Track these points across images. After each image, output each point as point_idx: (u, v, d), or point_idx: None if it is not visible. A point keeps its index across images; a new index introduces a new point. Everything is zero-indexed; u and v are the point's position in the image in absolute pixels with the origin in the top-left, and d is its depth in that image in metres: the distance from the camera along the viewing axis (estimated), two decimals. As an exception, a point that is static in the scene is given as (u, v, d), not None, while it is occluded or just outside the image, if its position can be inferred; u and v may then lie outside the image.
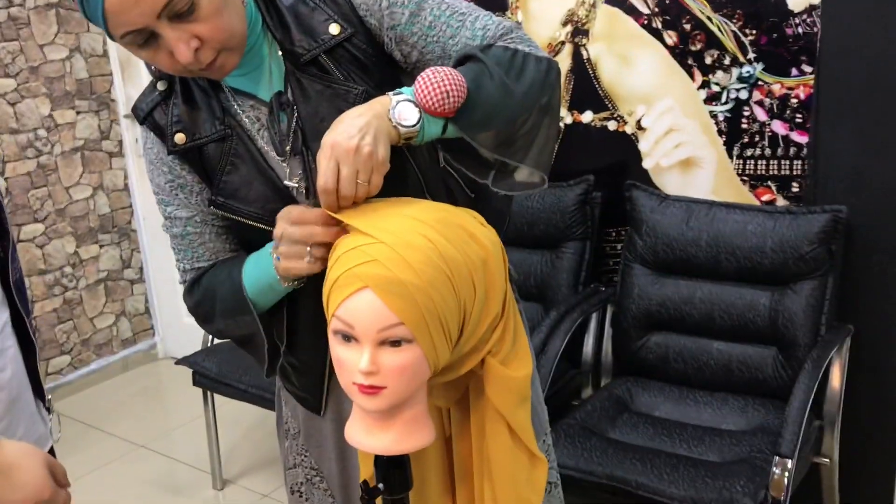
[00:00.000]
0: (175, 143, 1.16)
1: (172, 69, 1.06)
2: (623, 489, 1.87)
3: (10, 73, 3.28)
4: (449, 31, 1.14)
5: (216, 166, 1.16)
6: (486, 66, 1.06)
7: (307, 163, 1.15)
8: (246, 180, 1.15)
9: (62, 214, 3.54)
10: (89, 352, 3.73)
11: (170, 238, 1.25)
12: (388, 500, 1.08)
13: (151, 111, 1.19)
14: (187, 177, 1.19)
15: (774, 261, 2.11)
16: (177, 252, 1.25)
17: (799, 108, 2.16)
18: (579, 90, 2.48)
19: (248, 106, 1.17)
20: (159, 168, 1.20)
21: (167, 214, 1.23)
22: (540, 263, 2.50)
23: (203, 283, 1.22)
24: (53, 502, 1.09)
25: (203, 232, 1.22)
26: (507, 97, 1.07)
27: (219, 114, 1.16)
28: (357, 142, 0.96)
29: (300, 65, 1.14)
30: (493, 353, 1.08)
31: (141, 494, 2.86)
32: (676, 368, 2.26)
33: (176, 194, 1.20)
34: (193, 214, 1.21)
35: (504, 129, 1.08)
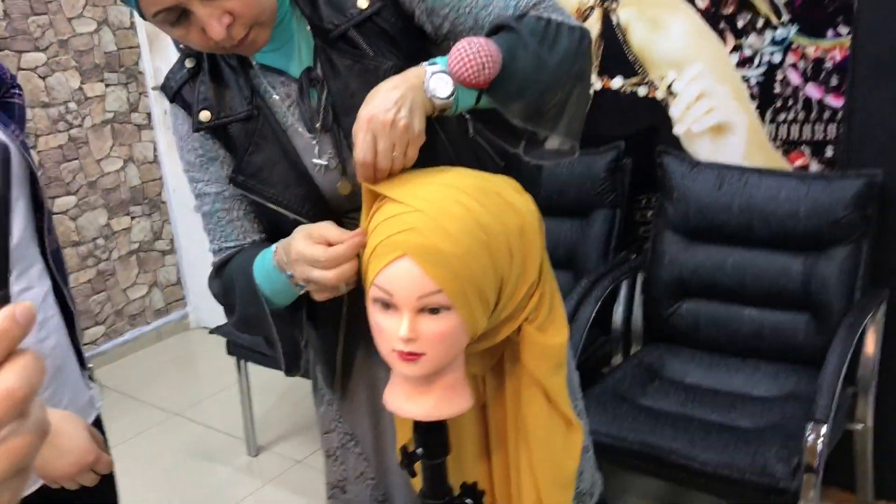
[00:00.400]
0: (200, 121, 1.16)
1: (205, 46, 1.06)
2: (655, 455, 1.87)
3: (41, 46, 3.30)
4: (482, 2, 1.14)
5: (241, 145, 1.16)
6: (520, 35, 1.06)
7: (338, 139, 1.14)
8: (269, 162, 1.15)
9: (94, 187, 3.58)
10: (123, 322, 3.79)
11: (201, 219, 1.25)
12: (427, 464, 1.09)
13: (180, 88, 1.19)
14: (218, 151, 1.19)
15: (808, 226, 2.09)
16: (208, 233, 1.25)
17: (834, 71, 2.12)
18: (609, 56, 2.45)
19: (279, 82, 1.16)
20: (189, 144, 1.20)
21: (197, 192, 1.23)
22: (570, 231, 2.50)
23: (226, 272, 1.21)
24: (97, 466, 1.11)
25: (231, 209, 1.22)
26: (541, 67, 1.06)
27: (246, 93, 1.15)
28: (393, 115, 0.96)
29: (329, 40, 1.13)
30: (529, 321, 1.08)
31: (176, 461, 2.92)
32: (708, 335, 2.26)
33: (207, 168, 1.20)
34: (223, 190, 1.21)
35: (537, 99, 1.08)
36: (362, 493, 1.40)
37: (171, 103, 1.21)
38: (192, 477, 2.82)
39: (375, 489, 1.39)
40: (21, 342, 0.40)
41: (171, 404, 3.31)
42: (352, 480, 1.41)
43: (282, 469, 2.81)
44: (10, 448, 0.39)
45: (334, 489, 1.45)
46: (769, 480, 1.73)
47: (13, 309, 0.39)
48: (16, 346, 0.40)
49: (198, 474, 2.83)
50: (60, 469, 1.09)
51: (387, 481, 1.38)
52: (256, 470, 2.84)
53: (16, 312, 0.39)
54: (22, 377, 0.39)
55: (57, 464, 1.09)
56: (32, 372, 0.40)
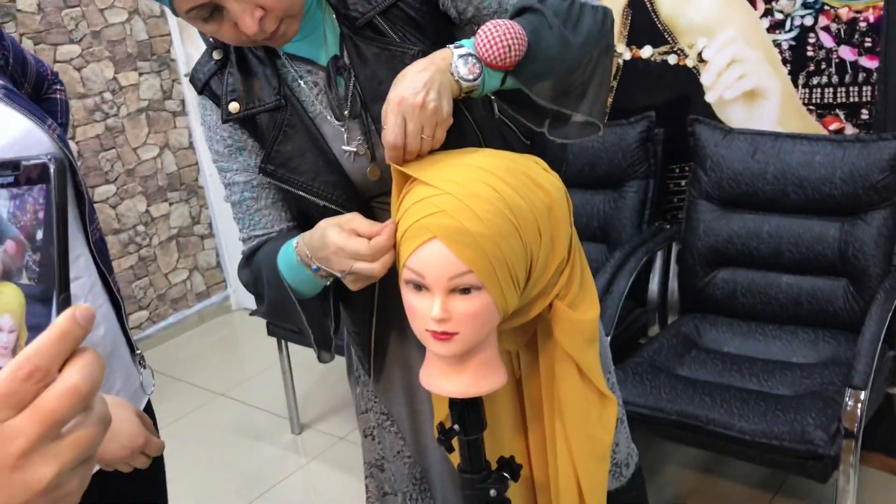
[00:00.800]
0: (229, 112, 1.18)
1: (236, 40, 1.08)
2: (693, 424, 1.88)
3: (75, 38, 3.36)
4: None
5: (269, 135, 1.18)
6: (544, 17, 1.07)
7: (367, 126, 1.16)
8: (299, 151, 1.17)
9: (132, 175, 3.64)
10: (166, 306, 3.87)
11: (231, 208, 1.27)
12: (464, 440, 1.12)
13: (208, 80, 1.21)
14: (247, 140, 1.21)
15: (844, 191, 2.07)
16: (237, 222, 1.27)
17: (868, 32, 2.08)
18: (637, 25, 2.43)
19: (306, 71, 1.18)
20: (219, 135, 1.22)
21: (227, 181, 1.25)
22: (603, 204, 2.50)
23: (254, 262, 1.22)
24: (148, 448, 1.16)
25: (259, 197, 1.23)
26: (566, 48, 1.07)
27: (274, 83, 1.17)
28: (423, 97, 0.98)
29: (356, 28, 1.14)
30: (560, 297, 1.10)
31: (222, 440, 2.99)
32: (744, 303, 2.25)
33: (235, 158, 1.22)
34: (251, 178, 1.23)
35: (561, 79, 1.09)
36: (400, 470, 1.43)
37: (200, 95, 1.23)
38: (238, 455, 2.89)
39: (413, 467, 1.42)
40: (82, 341, 0.43)
41: (215, 385, 3.39)
42: (389, 459, 1.44)
43: (326, 446, 2.86)
44: (76, 439, 0.42)
45: (372, 468, 1.48)
46: (808, 447, 1.73)
47: (74, 310, 0.42)
48: (77, 345, 0.43)
49: (244, 453, 2.90)
50: (112, 453, 1.13)
51: (424, 459, 1.41)
52: (301, 447, 2.90)
53: (76, 314, 0.42)
54: (85, 374, 0.42)
55: (108, 447, 1.13)
56: (94, 369, 0.43)
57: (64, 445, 0.42)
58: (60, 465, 0.41)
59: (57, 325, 0.42)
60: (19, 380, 0.40)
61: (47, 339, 0.41)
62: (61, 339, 0.42)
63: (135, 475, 1.23)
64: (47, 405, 0.41)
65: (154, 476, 1.39)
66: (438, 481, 1.40)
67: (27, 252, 0.45)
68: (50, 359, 0.41)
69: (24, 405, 0.40)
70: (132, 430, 1.15)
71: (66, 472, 0.42)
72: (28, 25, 3.20)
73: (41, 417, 0.40)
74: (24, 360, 0.41)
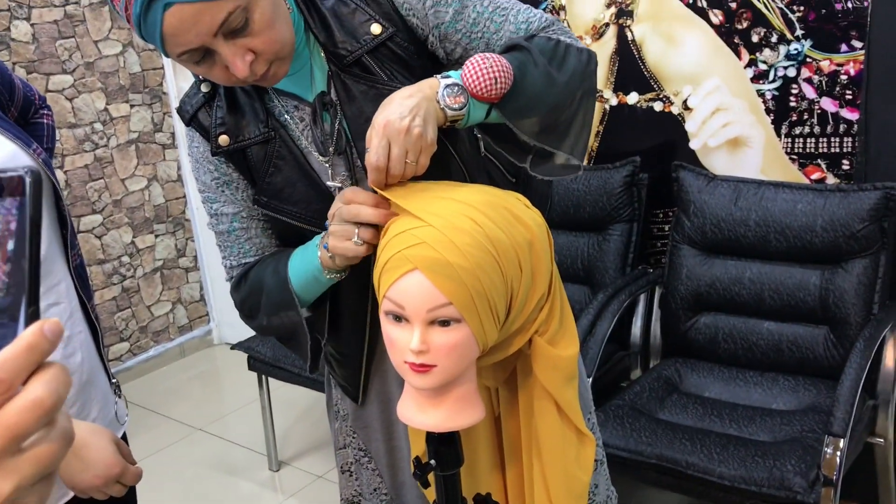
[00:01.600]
0: (219, 145, 1.19)
1: (227, 82, 1.09)
2: (672, 469, 1.88)
3: (68, 69, 3.38)
4: (493, 27, 1.17)
5: (260, 167, 1.19)
6: (530, 54, 1.09)
7: (352, 162, 1.17)
8: (289, 181, 1.18)
9: (119, 205, 3.64)
10: (147, 338, 3.84)
11: (215, 235, 1.28)
12: (440, 475, 1.11)
13: (196, 112, 1.22)
14: (233, 174, 1.22)
15: (825, 239, 2.09)
16: (223, 249, 1.28)
17: (849, 85, 2.13)
18: (624, 71, 2.47)
19: (292, 106, 1.19)
20: (205, 166, 1.23)
21: (213, 212, 1.26)
22: (587, 246, 2.51)
23: (250, 278, 1.24)
24: (124, 478, 1.14)
25: (249, 227, 1.25)
26: (550, 85, 1.09)
27: (262, 116, 1.18)
28: (408, 122, 0.99)
29: (344, 66, 1.16)
30: (540, 333, 1.10)
31: (199, 475, 2.95)
32: (726, 349, 2.26)
33: (222, 191, 1.23)
34: (240, 210, 1.24)
35: (545, 116, 1.11)
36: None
37: (188, 126, 1.24)
38: (215, 491, 2.85)
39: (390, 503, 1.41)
40: (49, 356, 0.42)
41: (194, 419, 3.35)
42: (367, 496, 1.43)
43: (303, 484, 2.83)
44: (37, 454, 0.41)
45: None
46: (787, 494, 1.73)
47: (42, 324, 0.42)
48: (44, 359, 0.42)
49: (221, 488, 2.86)
50: (87, 481, 1.11)
51: (401, 497, 1.40)
52: (278, 484, 2.86)
53: (44, 327, 0.42)
54: (50, 388, 0.41)
55: (84, 476, 1.12)
56: (60, 383, 0.42)
57: (24, 460, 0.41)
58: (19, 480, 0.40)
59: (24, 338, 0.41)
60: None
61: (13, 351, 0.41)
62: (27, 352, 0.41)
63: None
64: (9, 418, 0.40)
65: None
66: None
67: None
68: (15, 371, 0.41)
69: None
70: (108, 458, 1.13)
71: (24, 488, 0.41)
72: (21, 54, 3.22)
73: (2, 430, 0.40)
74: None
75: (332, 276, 1.15)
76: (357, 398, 1.35)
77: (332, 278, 1.15)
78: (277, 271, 1.19)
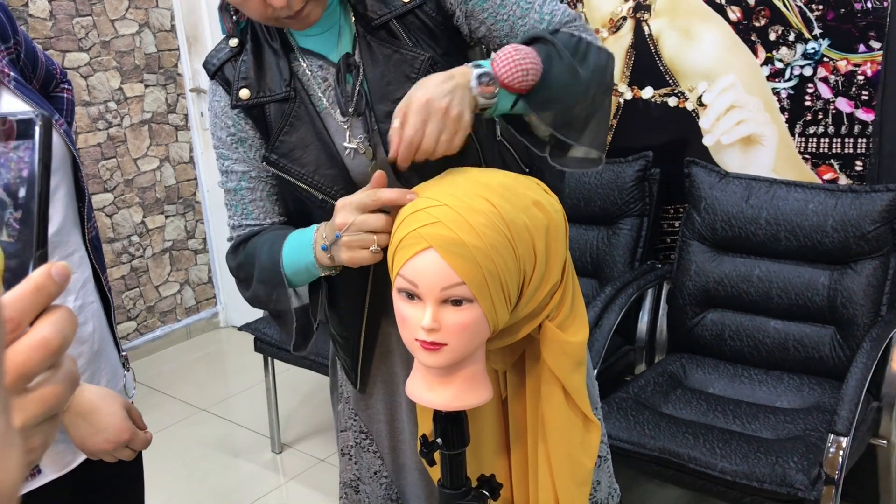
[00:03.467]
0: (239, 98, 1.20)
1: (261, 15, 1.11)
2: (674, 462, 1.88)
3: (84, 46, 3.39)
4: (519, 12, 1.19)
5: (276, 125, 1.20)
6: (555, 47, 1.11)
7: (370, 124, 1.19)
8: (302, 142, 1.19)
9: (130, 185, 3.65)
10: (154, 318, 3.86)
11: (224, 194, 1.30)
12: (446, 454, 1.12)
13: (222, 66, 1.23)
14: (249, 132, 1.23)
15: (835, 240, 2.09)
16: (229, 208, 1.29)
17: (865, 86, 2.12)
18: (640, 66, 2.47)
19: (317, 66, 1.21)
20: (223, 121, 1.24)
21: (224, 168, 1.27)
22: (596, 240, 2.51)
23: (247, 247, 1.25)
24: (133, 443, 1.15)
25: (255, 189, 1.26)
26: (574, 79, 1.11)
27: (286, 75, 1.20)
28: (448, 102, 1.02)
29: (371, 29, 1.18)
30: (551, 318, 1.11)
31: (202, 456, 2.97)
32: (732, 346, 2.26)
33: (236, 148, 1.24)
34: (249, 170, 1.25)
35: (567, 109, 1.13)
36: (376, 491, 1.42)
37: (211, 80, 1.25)
38: (217, 471, 2.87)
39: (389, 488, 1.41)
40: (56, 298, 0.43)
41: (198, 400, 3.37)
42: (365, 480, 1.43)
43: (305, 467, 2.84)
44: (43, 394, 0.42)
45: (347, 488, 1.47)
46: (788, 490, 1.73)
47: (49, 266, 0.42)
48: (51, 301, 0.42)
49: (223, 469, 2.88)
50: (97, 445, 1.13)
51: (401, 480, 1.41)
52: (280, 467, 2.88)
53: (52, 270, 0.42)
54: (57, 329, 0.42)
55: (94, 440, 1.13)
56: (66, 325, 0.42)
57: (30, 399, 0.41)
58: (25, 419, 0.41)
59: (32, 279, 0.42)
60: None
61: (21, 291, 0.41)
62: (35, 293, 0.41)
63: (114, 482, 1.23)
64: (17, 356, 0.40)
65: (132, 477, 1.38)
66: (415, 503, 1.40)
67: (8, 209, 0.45)
68: (23, 311, 0.41)
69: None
70: (118, 423, 1.14)
71: (30, 427, 0.41)
72: (39, 31, 3.23)
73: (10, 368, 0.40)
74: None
75: (326, 273, 1.16)
76: (356, 384, 1.37)
77: (324, 273, 1.16)
78: (273, 249, 1.19)
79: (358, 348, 1.32)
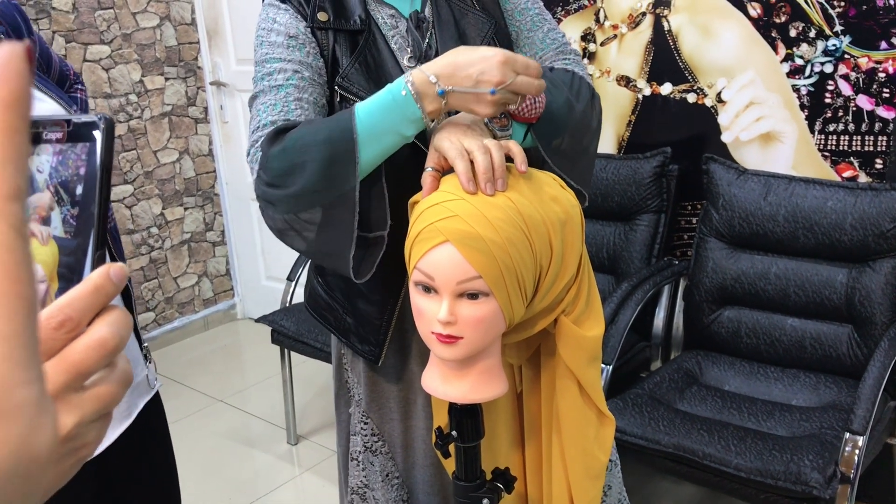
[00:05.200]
0: (317, 19, 1.22)
1: None
2: (689, 458, 1.88)
3: (105, 39, 3.42)
4: (529, 24, 1.32)
5: (349, 54, 1.22)
6: (552, 82, 1.18)
7: None
8: (376, 73, 1.22)
9: (150, 177, 3.68)
10: (172, 310, 3.89)
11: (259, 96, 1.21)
12: (461, 447, 1.12)
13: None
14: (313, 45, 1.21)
15: (854, 238, 2.08)
16: (265, 108, 1.18)
17: (886, 83, 2.11)
18: (659, 61, 2.47)
19: (388, 15, 1.26)
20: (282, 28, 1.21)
21: (268, 70, 1.20)
22: (613, 235, 2.51)
23: (296, 132, 1.11)
24: None
25: (305, 88, 1.19)
26: (571, 112, 1.19)
27: (361, 11, 1.24)
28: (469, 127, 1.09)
29: None
30: (566, 313, 1.11)
31: (218, 446, 2.99)
32: (748, 343, 2.25)
33: (294, 49, 1.20)
34: (301, 70, 1.20)
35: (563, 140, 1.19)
36: (387, 494, 1.42)
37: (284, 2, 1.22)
38: (233, 462, 2.89)
39: (401, 489, 1.42)
40: (113, 299, 0.44)
41: (215, 391, 3.40)
42: (374, 486, 1.42)
43: (320, 458, 2.86)
44: (98, 393, 0.43)
45: (353, 495, 1.46)
46: (803, 488, 1.73)
47: (108, 267, 0.43)
48: (108, 301, 0.43)
49: (239, 460, 2.90)
50: None
51: (411, 479, 1.41)
52: (295, 458, 2.90)
53: (110, 271, 0.43)
54: (114, 330, 0.43)
55: None
56: (122, 326, 0.43)
57: (87, 397, 0.42)
58: (81, 416, 0.42)
59: (91, 280, 0.43)
60: (50, 328, 0.41)
61: (81, 292, 0.42)
62: (94, 294, 0.42)
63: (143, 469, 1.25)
64: (75, 355, 0.41)
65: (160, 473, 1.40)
66: (424, 501, 1.40)
67: (65, 206, 0.46)
68: (81, 311, 0.42)
69: (52, 353, 0.41)
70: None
71: (85, 424, 0.42)
72: (61, 23, 3.26)
73: (67, 366, 0.41)
74: (56, 310, 0.41)
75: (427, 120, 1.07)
76: (379, 358, 1.31)
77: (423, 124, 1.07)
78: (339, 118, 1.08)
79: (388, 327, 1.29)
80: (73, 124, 0.46)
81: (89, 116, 0.46)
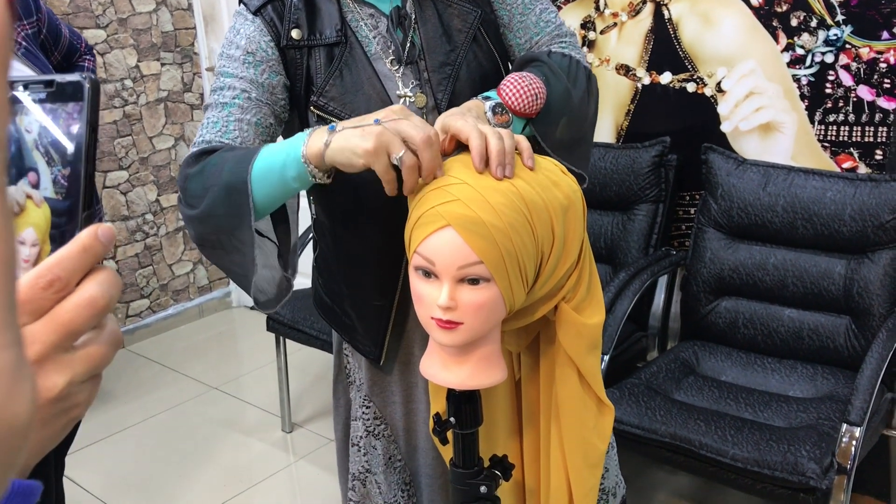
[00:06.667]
0: (291, 38, 1.19)
1: None
2: (685, 448, 1.88)
3: (101, 24, 3.39)
4: (522, 7, 1.28)
5: (324, 70, 1.19)
6: (551, 70, 1.16)
7: (420, 73, 1.22)
8: (353, 87, 1.19)
9: (145, 163, 3.66)
10: (167, 297, 3.87)
11: (208, 110, 1.20)
12: (459, 433, 1.12)
13: (266, 3, 1.20)
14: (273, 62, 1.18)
15: (853, 229, 2.07)
16: (204, 126, 1.18)
17: (887, 73, 2.10)
18: (659, 50, 2.45)
19: (367, 15, 1.22)
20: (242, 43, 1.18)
21: (220, 85, 1.19)
22: (611, 225, 2.50)
23: (214, 157, 1.11)
24: None
25: (248, 109, 1.17)
26: (569, 99, 1.18)
27: (337, 21, 1.20)
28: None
29: None
30: (567, 300, 1.10)
31: (213, 434, 2.98)
32: (745, 334, 2.25)
33: (248, 67, 1.18)
34: (250, 91, 1.17)
35: (562, 128, 1.18)
36: (389, 478, 1.41)
37: (254, 14, 1.19)
38: (227, 449, 2.88)
39: (403, 472, 1.41)
40: (101, 259, 0.43)
41: (210, 378, 3.39)
42: (376, 470, 1.42)
43: (315, 446, 2.86)
44: (88, 353, 0.43)
45: (355, 480, 1.45)
46: (800, 479, 1.72)
47: (96, 227, 0.43)
48: (97, 261, 0.43)
49: (233, 447, 2.90)
50: None
51: (414, 462, 1.41)
52: (290, 446, 2.89)
53: (99, 231, 0.43)
54: (103, 289, 0.43)
55: None
56: (112, 285, 0.43)
57: (77, 357, 0.42)
58: (72, 376, 0.42)
59: (79, 240, 0.42)
60: (39, 288, 0.41)
61: (69, 251, 0.42)
62: (82, 253, 0.42)
63: None
64: (64, 315, 0.41)
65: None
66: (426, 484, 1.40)
67: (56, 166, 0.45)
68: (70, 271, 0.42)
69: (41, 313, 0.41)
70: None
71: (76, 384, 0.42)
72: (57, 7, 3.23)
73: (57, 326, 0.41)
74: (45, 270, 0.41)
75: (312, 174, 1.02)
76: (380, 358, 1.33)
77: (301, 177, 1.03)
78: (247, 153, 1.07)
79: (390, 313, 1.29)
80: (57, 84, 0.46)
81: (73, 76, 0.46)
